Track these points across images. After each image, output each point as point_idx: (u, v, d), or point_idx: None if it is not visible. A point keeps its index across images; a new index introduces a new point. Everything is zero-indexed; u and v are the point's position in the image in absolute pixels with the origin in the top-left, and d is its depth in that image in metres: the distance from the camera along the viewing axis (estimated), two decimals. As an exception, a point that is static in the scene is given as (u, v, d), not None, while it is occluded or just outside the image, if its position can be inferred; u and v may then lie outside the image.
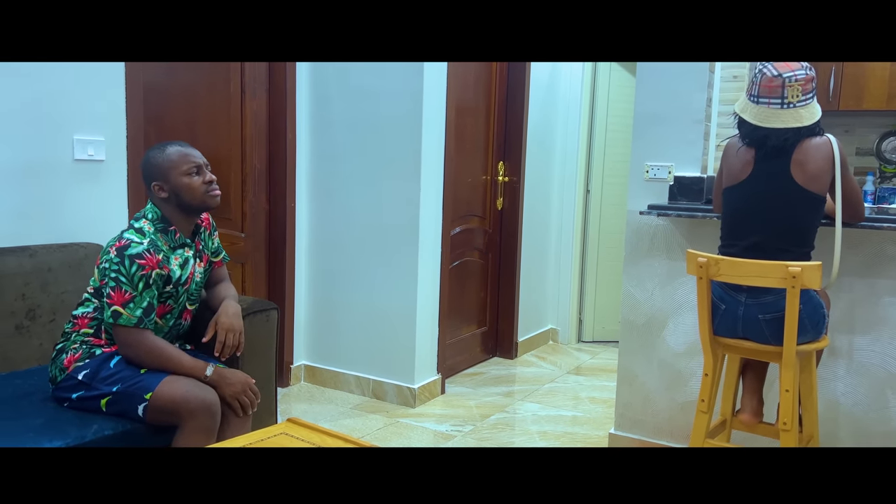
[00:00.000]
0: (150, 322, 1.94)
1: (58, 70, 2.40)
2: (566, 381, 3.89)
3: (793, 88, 2.07)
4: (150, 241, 1.95)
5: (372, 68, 3.31)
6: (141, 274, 1.91)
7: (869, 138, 4.35)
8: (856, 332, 2.52)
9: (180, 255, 2.05)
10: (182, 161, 2.02)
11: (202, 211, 2.10)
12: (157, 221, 2.02)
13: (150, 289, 1.93)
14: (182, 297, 2.08)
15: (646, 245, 2.83)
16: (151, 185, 2.02)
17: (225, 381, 1.96)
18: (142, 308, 1.91)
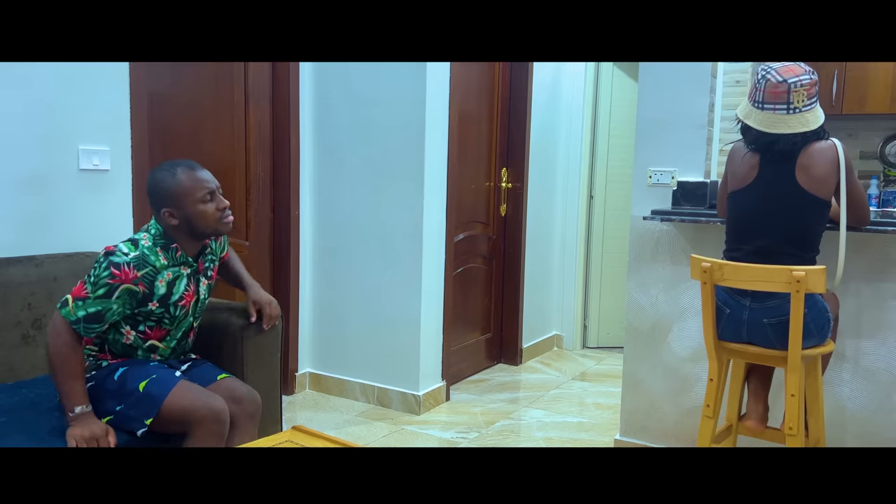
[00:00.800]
0: (87, 330, 1.84)
1: (62, 80, 2.42)
2: (571, 388, 3.88)
3: (798, 93, 2.08)
4: (137, 255, 1.87)
5: (374, 76, 3.32)
6: (108, 282, 1.82)
7: (873, 142, 4.35)
8: (862, 336, 2.51)
9: (173, 272, 1.96)
10: (196, 187, 1.91)
11: (214, 237, 2.05)
12: (158, 237, 1.95)
13: (107, 300, 1.83)
14: (179, 317, 2.01)
15: (650, 250, 2.83)
16: (161, 212, 1.92)
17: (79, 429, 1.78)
18: (87, 312, 1.82)
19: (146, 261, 1.89)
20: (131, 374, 1.93)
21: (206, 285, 2.09)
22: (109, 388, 1.92)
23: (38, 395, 2.08)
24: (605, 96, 4.52)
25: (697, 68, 2.71)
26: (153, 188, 1.95)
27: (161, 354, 2.04)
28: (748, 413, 2.35)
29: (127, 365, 1.97)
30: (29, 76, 2.33)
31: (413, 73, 3.23)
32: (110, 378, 1.94)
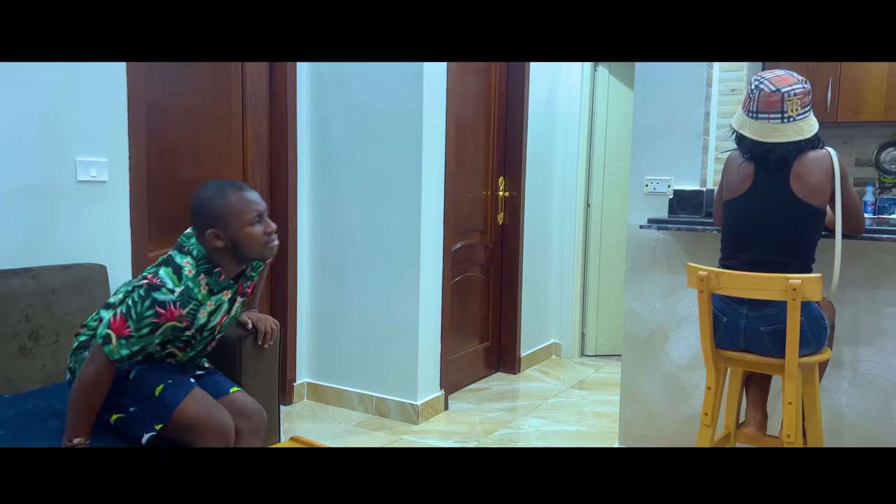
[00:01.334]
0: (126, 364, 1.85)
1: (60, 92, 2.42)
2: (570, 396, 3.88)
3: (792, 102, 2.09)
4: (182, 291, 1.83)
5: (371, 85, 3.33)
6: (153, 321, 1.80)
7: (868, 149, 4.37)
8: (859, 344, 2.52)
9: (215, 302, 1.93)
10: (246, 209, 1.85)
11: (257, 261, 2.01)
12: (201, 261, 1.88)
13: (151, 336, 1.83)
14: (207, 337, 2.01)
15: (646, 259, 2.84)
16: (207, 233, 1.86)
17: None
18: (130, 350, 1.81)
19: (190, 296, 1.85)
20: (148, 377, 1.91)
21: (239, 302, 2.06)
22: (125, 386, 1.90)
23: (36, 406, 2.08)
24: (602, 105, 4.54)
25: (692, 77, 2.72)
26: (200, 207, 1.87)
27: (178, 361, 2.03)
28: (747, 420, 2.36)
29: (143, 365, 1.94)
30: (27, 87, 2.34)
31: (410, 82, 3.24)
32: (126, 376, 1.91)
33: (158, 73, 2.84)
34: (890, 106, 4.02)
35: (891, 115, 4.03)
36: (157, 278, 1.83)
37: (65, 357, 2.32)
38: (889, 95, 4.01)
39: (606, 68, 4.52)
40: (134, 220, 2.69)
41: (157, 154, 2.86)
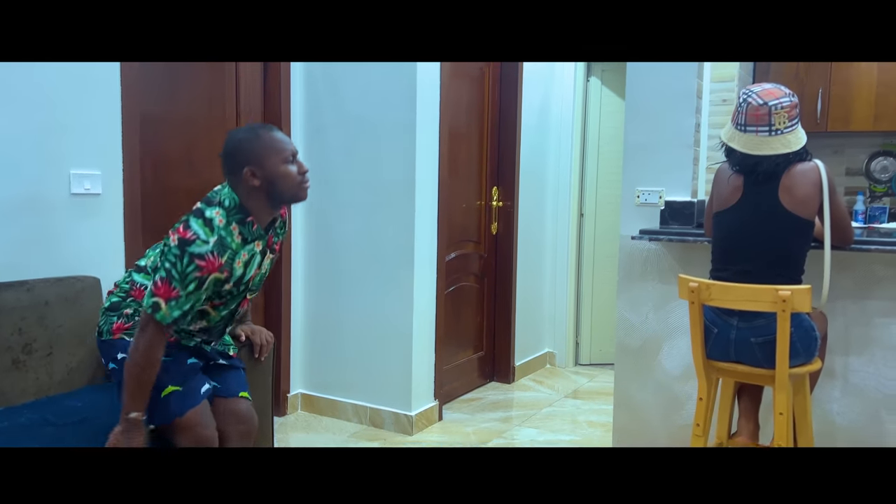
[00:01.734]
0: (182, 322, 1.84)
1: (54, 104, 2.43)
2: (564, 406, 3.89)
3: (779, 115, 2.12)
4: (217, 240, 1.79)
5: (365, 95, 3.35)
6: (196, 276, 1.76)
7: (858, 158, 4.40)
8: (850, 354, 2.54)
9: (248, 252, 1.89)
10: (281, 147, 1.84)
11: (291, 203, 1.97)
12: (233, 211, 1.83)
13: (199, 291, 1.79)
14: (242, 292, 1.97)
15: (639, 269, 2.85)
16: (243, 171, 1.81)
17: (125, 436, 1.82)
18: (182, 310, 1.79)
19: (224, 244, 1.81)
20: (162, 374, 1.87)
21: (269, 259, 2.01)
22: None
23: (29, 419, 2.07)
24: (594, 115, 4.57)
25: (683, 89, 2.75)
26: (234, 148, 1.85)
27: (209, 321, 1.97)
28: (739, 431, 2.37)
29: (166, 356, 1.89)
30: (21, 100, 2.34)
31: (403, 91, 3.26)
32: None
33: (153, 84, 2.85)
34: (879, 115, 4.06)
35: (880, 125, 4.07)
36: (188, 231, 1.78)
37: (59, 370, 2.32)
38: (878, 105, 4.05)
39: (599, 79, 4.56)
40: (128, 232, 2.69)
41: (152, 164, 2.87)
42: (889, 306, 2.46)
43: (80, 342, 2.38)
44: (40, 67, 2.38)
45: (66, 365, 2.34)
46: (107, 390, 2.35)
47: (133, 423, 1.82)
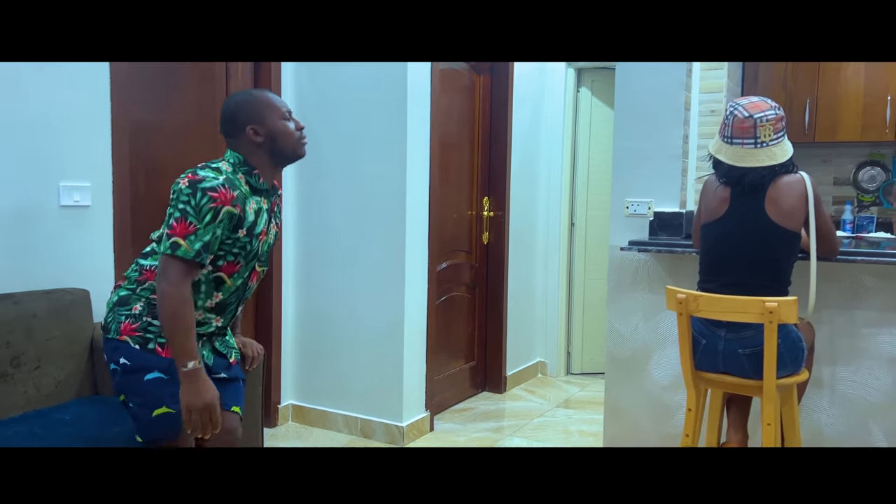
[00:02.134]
0: (205, 259, 1.80)
1: (44, 117, 2.43)
2: (555, 415, 3.89)
3: (764, 128, 2.14)
4: (225, 178, 1.82)
5: (356, 105, 3.35)
6: (210, 206, 1.77)
7: (846, 168, 4.44)
8: (837, 364, 2.55)
9: (257, 202, 1.91)
10: (278, 104, 1.91)
11: (291, 160, 1.99)
12: (238, 165, 1.89)
13: (215, 224, 1.79)
14: (253, 252, 1.94)
15: (628, 280, 2.87)
16: (246, 129, 1.87)
17: (190, 389, 1.78)
18: (203, 241, 1.77)
19: (234, 183, 1.84)
20: (159, 390, 1.84)
21: (274, 229, 2.03)
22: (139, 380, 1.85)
23: (16, 433, 2.06)
24: (584, 125, 4.59)
25: (671, 101, 2.77)
26: (234, 108, 1.90)
27: (223, 293, 1.94)
28: (728, 441, 2.38)
29: (163, 374, 1.86)
30: (10, 113, 2.34)
31: (394, 103, 3.27)
32: (142, 375, 1.86)
33: (143, 94, 2.85)
34: (867, 126, 4.09)
35: (868, 135, 4.11)
36: (196, 174, 1.80)
37: (47, 383, 2.31)
38: (865, 115, 4.09)
39: (589, 89, 4.58)
40: (117, 244, 2.69)
41: (142, 175, 2.87)
42: (875, 316, 2.48)
43: (68, 355, 2.38)
44: (30, 79, 2.38)
45: (54, 378, 2.33)
46: (95, 403, 2.34)
47: (194, 374, 1.78)
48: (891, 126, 4.03)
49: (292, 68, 3.49)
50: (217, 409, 1.82)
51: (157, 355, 1.87)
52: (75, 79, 2.51)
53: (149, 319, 1.88)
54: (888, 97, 4.02)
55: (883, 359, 2.48)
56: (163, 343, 1.87)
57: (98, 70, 2.59)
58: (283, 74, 3.44)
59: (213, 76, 3.19)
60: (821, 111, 4.17)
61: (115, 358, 1.89)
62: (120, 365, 1.88)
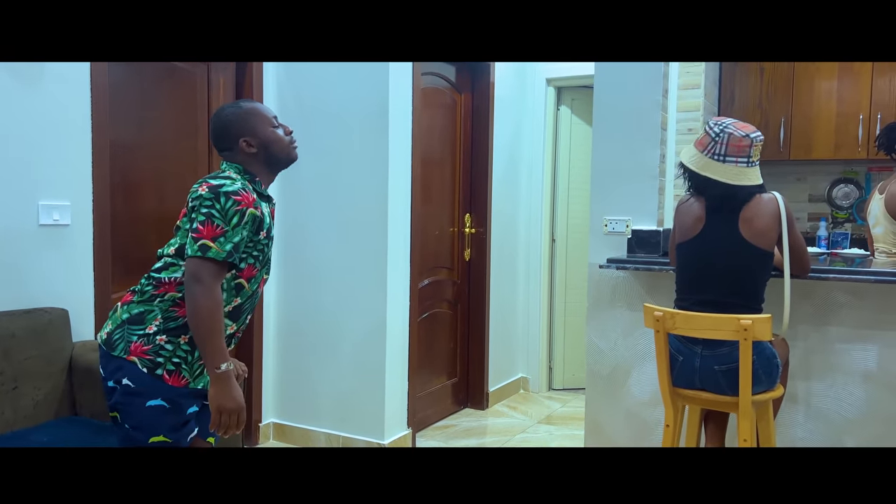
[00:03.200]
0: (236, 259, 1.81)
1: (23, 136, 2.43)
2: (537, 431, 3.90)
3: (756, 148, 2.21)
4: (242, 183, 1.86)
5: (337, 122, 3.38)
6: (236, 209, 1.79)
7: (820, 185, 4.53)
8: (812, 379, 2.60)
9: (266, 206, 1.95)
10: (266, 112, 1.96)
11: (286, 165, 2.02)
12: (241, 174, 1.92)
13: (241, 226, 1.81)
14: (267, 258, 1.97)
15: (607, 297, 2.90)
16: (240, 142, 1.91)
17: (223, 391, 1.78)
18: (233, 243, 1.78)
19: (249, 188, 1.87)
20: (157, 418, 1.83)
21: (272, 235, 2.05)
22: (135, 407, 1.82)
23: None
24: (565, 142, 4.64)
25: (647, 121, 2.82)
26: (225, 122, 1.94)
27: (242, 297, 1.94)
28: (705, 457, 2.41)
29: (166, 402, 1.84)
30: (-11, 133, 2.34)
31: (375, 120, 3.29)
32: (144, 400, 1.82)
33: (123, 112, 2.86)
34: (839, 144, 4.19)
35: (840, 153, 4.20)
36: (213, 181, 1.82)
37: (25, 404, 2.29)
38: (838, 134, 4.18)
39: (569, 107, 4.64)
40: (97, 263, 2.68)
41: (122, 193, 2.87)
42: (849, 333, 2.53)
43: (47, 375, 2.36)
44: (9, 96, 2.38)
45: (32, 399, 2.31)
46: (73, 424, 2.33)
47: (226, 376, 1.78)
48: (863, 144, 4.12)
49: (274, 84, 3.51)
50: (244, 410, 1.84)
51: (164, 382, 1.83)
52: (55, 96, 2.52)
53: (161, 342, 1.84)
54: (860, 116, 4.12)
55: (856, 374, 2.53)
56: (171, 371, 1.84)
57: (78, 87, 2.59)
58: (266, 90, 3.46)
59: (194, 94, 3.20)
60: (795, 130, 4.26)
61: (118, 377, 1.83)
62: (122, 385, 1.83)
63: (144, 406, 1.83)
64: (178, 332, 1.86)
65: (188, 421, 1.89)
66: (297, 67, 3.47)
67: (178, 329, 1.85)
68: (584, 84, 4.46)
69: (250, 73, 3.37)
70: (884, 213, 3.08)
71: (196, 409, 1.92)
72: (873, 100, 4.09)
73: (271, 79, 3.49)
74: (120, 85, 2.83)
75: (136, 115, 2.93)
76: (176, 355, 1.85)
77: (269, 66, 3.48)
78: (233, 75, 3.38)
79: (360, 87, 3.32)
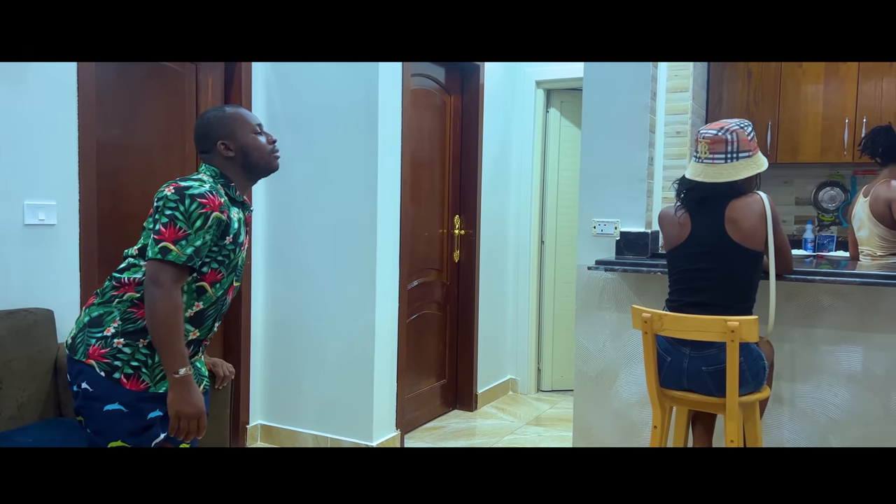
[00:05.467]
0: (196, 263, 1.80)
1: (8, 136, 2.41)
2: (525, 433, 3.91)
3: (701, 144, 2.23)
4: (211, 186, 1.85)
5: (325, 124, 3.37)
6: (200, 212, 1.78)
7: (807, 189, 4.57)
8: (797, 381, 2.62)
9: (237, 213, 1.93)
10: (248, 118, 1.96)
11: (265, 173, 2.01)
12: (216, 177, 1.91)
13: (204, 229, 1.79)
14: (234, 262, 1.94)
15: (595, 298, 2.91)
16: (217, 144, 1.91)
17: (181, 396, 1.78)
18: (194, 246, 1.77)
19: (218, 191, 1.86)
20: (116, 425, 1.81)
21: (246, 244, 2.03)
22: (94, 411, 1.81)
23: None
24: (554, 145, 4.66)
25: (636, 123, 2.84)
26: (206, 125, 1.94)
27: (204, 302, 1.91)
28: (693, 458, 2.42)
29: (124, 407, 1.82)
30: (-26, 132, 2.32)
31: (365, 121, 3.29)
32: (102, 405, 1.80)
33: (110, 112, 2.84)
34: (825, 148, 4.23)
35: (827, 157, 4.24)
36: (182, 183, 1.81)
37: (9, 405, 2.27)
38: (824, 138, 4.22)
39: (558, 109, 4.66)
40: (83, 263, 2.66)
41: (109, 194, 2.85)
42: (834, 334, 2.55)
43: (31, 377, 2.34)
44: (-5, 98, 2.36)
45: (16, 400, 2.29)
46: (58, 426, 2.30)
47: (185, 381, 1.78)
48: (849, 148, 4.16)
49: (263, 84, 3.49)
50: (205, 416, 1.83)
51: (122, 386, 1.82)
52: (41, 95, 2.49)
53: (119, 345, 1.82)
54: (846, 120, 4.16)
55: (841, 376, 2.55)
56: (129, 374, 1.82)
57: (65, 87, 2.57)
58: (254, 90, 3.45)
59: (182, 94, 3.18)
60: (782, 133, 4.30)
61: (79, 381, 1.83)
62: (82, 389, 1.82)
63: (102, 410, 1.82)
64: (137, 335, 1.84)
65: (150, 426, 1.86)
66: (286, 68, 3.46)
67: (136, 332, 1.84)
68: (574, 87, 4.47)
69: (239, 72, 3.36)
70: (868, 216, 3.11)
71: (159, 413, 1.87)
72: (859, 104, 4.14)
73: (260, 79, 3.48)
74: (107, 84, 2.81)
75: (123, 114, 2.91)
76: (134, 359, 1.83)
77: (257, 66, 3.47)
78: (221, 75, 3.36)
79: (350, 88, 3.32)
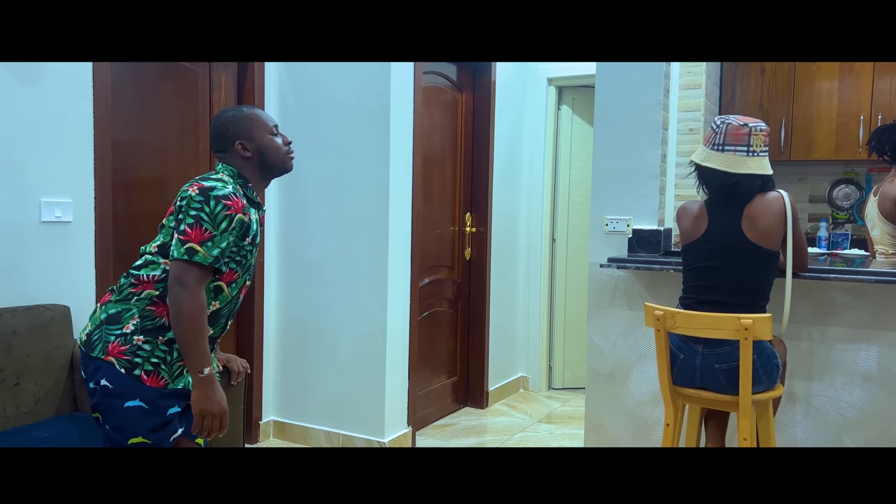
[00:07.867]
0: (221, 265, 1.83)
1: (25, 134, 2.43)
2: (537, 430, 3.91)
3: (757, 137, 2.20)
4: (233, 187, 1.87)
5: (339, 123, 3.38)
6: (226, 214, 1.81)
7: (821, 186, 4.53)
8: (812, 379, 2.60)
9: (254, 213, 1.96)
10: (266, 120, 1.98)
11: (280, 173, 2.04)
12: (234, 177, 1.93)
13: (229, 231, 1.82)
14: (250, 264, 1.98)
15: (608, 296, 2.90)
16: (235, 144, 1.94)
17: (206, 395, 1.80)
18: (220, 248, 1.80)
19: (239, 193, 1.89)
20: (137, 421, 1.82)
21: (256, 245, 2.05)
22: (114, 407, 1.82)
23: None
24: (565, 142, 4.65)
25: (649, 120, 2.83)
26: (224, 125, 1.96)
27: (221, 301, 1.93)
28: (705, 456, 2.41)
29: (145, 403, 1.83)
30: (-8, 130, 2.34)
31: (376, 119, 3.30)
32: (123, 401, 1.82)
33: (125, 110, 2.86)
34: (840, 145, 4.19)
35: (841, 154, 4.20)
36: (205, 183, 1.83)
37: (26, 400, 2.29)
38: (839, 135, 4.19)
39: (570, 107, 4.65)
40: (99, 260, 2.68)
41: (124, 191, 2.87)
42: (849, 333, 2.53)
43: (48, 372, 2.36)
44: (11, 94, 2.38)
45: (33, 395, 2.32)
46: (74, 420, 2.33)
47: (209, 380, 1.80)
48: (864, 145, 4.12)
49: (276, 83, 3.51)
50: (227, 414, 1.85)
51: (142, 383, 1.83)
52: (57, 94, 2.52)
53: (139, 342, 1.83)
54: (861, 117, 4.13)
55: (856, 374, 2.53)
56: (149, 371, 1.84)
57: (81, 85, 2.59)
58: (267, 89, 3.46)
59: (195, 93, 3.20)
60: (796, 130, 4.27)
61: (97, 378, 1.84)
62: (101, 386, 1.83)
63: (123, 407, 1.83)
64: (156, 332, 1.86)
65: (169, 422, 1.87)
66: (298, 67, 3.47)
67: (155, 329, 1.86)
68: (586, 84, 4.46)
69: (252, 72, 3.38)
70: (878, 214, 3.09)
71: (178, 409, 1.89)
72: (874, 101, 4.10)
73: (273, 78, 3.49)
74: (122, 83, 2.83)
75: (137, 113, 2.94)
76: (154, 355, 1.84)
77: (270, 65, 3.48)
78: (234, 74, 3.38)
79: (362, 87, 3.32)
